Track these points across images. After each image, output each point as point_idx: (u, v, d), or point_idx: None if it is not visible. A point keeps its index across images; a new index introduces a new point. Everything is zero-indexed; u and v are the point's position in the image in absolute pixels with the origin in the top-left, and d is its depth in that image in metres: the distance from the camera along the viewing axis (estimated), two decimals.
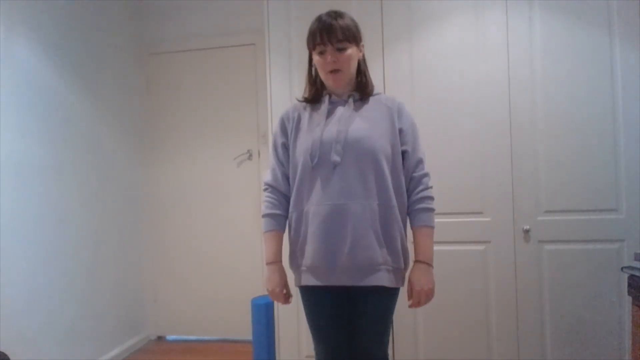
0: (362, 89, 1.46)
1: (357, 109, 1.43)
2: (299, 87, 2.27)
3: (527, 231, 2.09)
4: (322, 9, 2.31)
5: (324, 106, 1.44)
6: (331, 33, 1.35)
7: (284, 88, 2.33)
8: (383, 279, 1.35)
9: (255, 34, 3.07)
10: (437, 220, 2.15)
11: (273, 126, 2.27)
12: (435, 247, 2.15)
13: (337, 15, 1.39)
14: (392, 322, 1.52)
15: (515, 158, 2.12)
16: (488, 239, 2.15)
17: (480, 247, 2.16)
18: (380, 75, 2.24)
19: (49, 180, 2.41)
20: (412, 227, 1.45)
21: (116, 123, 3.03)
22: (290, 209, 1.45)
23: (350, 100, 1.43)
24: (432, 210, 1.45)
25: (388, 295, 1.41)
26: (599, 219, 2.05)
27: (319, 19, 1.40)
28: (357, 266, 1.34)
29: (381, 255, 1.35)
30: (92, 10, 2.81)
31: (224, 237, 3.24)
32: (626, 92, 2.02)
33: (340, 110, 1.42)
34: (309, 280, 1.39)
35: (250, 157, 3.19)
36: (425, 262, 1.42)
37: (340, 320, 1.43)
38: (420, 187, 1.43)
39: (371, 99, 1.47)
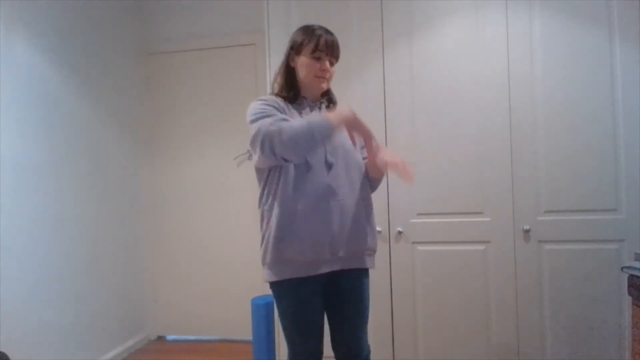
0: (330, 98, 1.60)
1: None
2: None
3: (527, 231, 2.10)
4: (322, 9, 2.33)
5: (307, 110, 1.52)
6: (334, 48, 1.49)
7: None
8: (369, 262, 1.53)
9: (255, 34, 3.07)
10: (437, 220, 2.18)
11: None
12: (435, 247, 2.20)
13: (332, 33, 1.51)
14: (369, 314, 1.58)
15: (515, 158, 2.12)
16: (488, 239, 2.15)
17: (480, 247, 2.16)
18: (380, 75, 2.24)
19: (48, 180, 2.41)
20: None
21: (116, 123, 3.03)
22: (279, 205, 1.41)
23: (323, 106, 1.57)
24: None
25: (367, 277, 1.56)
26: (599, 219, 2.05)
27: (316, 31, 1.48)
28: (352, 253, 1.47)
29: (368, 241, 1.51)
30: (92, 10, 2.81)
31: (224, 237, 3.24)
32: (626, 92, 2.02)
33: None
34: (301, 272, 1.41)
35: (250, 157, 3.17)
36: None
37: (323, 313, 1.51)
38: None
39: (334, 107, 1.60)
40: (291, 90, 1.51)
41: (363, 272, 1.54)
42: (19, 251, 2.21)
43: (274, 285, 1.46)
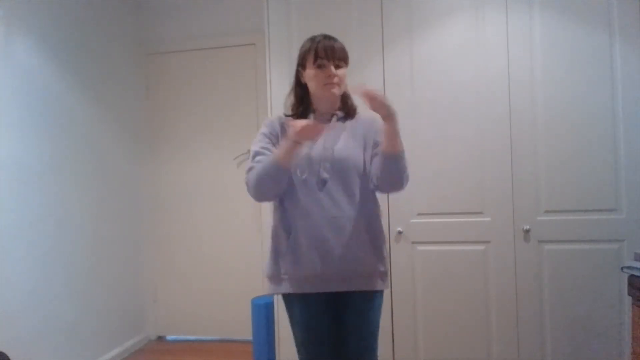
0: (346, 109, 1.52)
1: (340, 127, 1.49)
2: None
3: (527, 231, 2.09)
4: (322, 9, 2.32)
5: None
6: (335, 51, 1.44)
7: (284, 88, 2.29)
8: (376, 283, 1.46)
9: (255, 34, 3.07)
10: (437, 220, 2.18)
11: None
12: (435, 247, 2.19)
13: (332, 37, 1.47)
14: (379, 329, 1.52)
15: (515, 158, 2.12)
16: (488, 239, 2.15)
17: (480, 247, 2.16)
18: (380, 75, 2.24)
19: (48, 180, 2.41)
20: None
21: (116, 123, 3.03)
22: (278, 222, 1.47)
23: (334, 118, 1.49)
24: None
25: (377, 298, 1.49)
26: (599, 219, 2.05)
27: (316, 40, 1.46)
28: (352, 273, 1.42)
29: (371, 261, 1.45)
30: (92, 10, 2.80)
31: (224, 237, 3.24)
32: (626, 92, 2.02)
33: (325, 128, 1.45)
34: (305, 288, 1.42)
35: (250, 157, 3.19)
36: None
37: (330, 329, 1.47)
38: None
39: (353, 118, 1.53)
40: (300, 106, 1.50)
41: (375, 293, 1.48)
42: (20, 251, 2.20)
43: (281, 297, 1.49)
